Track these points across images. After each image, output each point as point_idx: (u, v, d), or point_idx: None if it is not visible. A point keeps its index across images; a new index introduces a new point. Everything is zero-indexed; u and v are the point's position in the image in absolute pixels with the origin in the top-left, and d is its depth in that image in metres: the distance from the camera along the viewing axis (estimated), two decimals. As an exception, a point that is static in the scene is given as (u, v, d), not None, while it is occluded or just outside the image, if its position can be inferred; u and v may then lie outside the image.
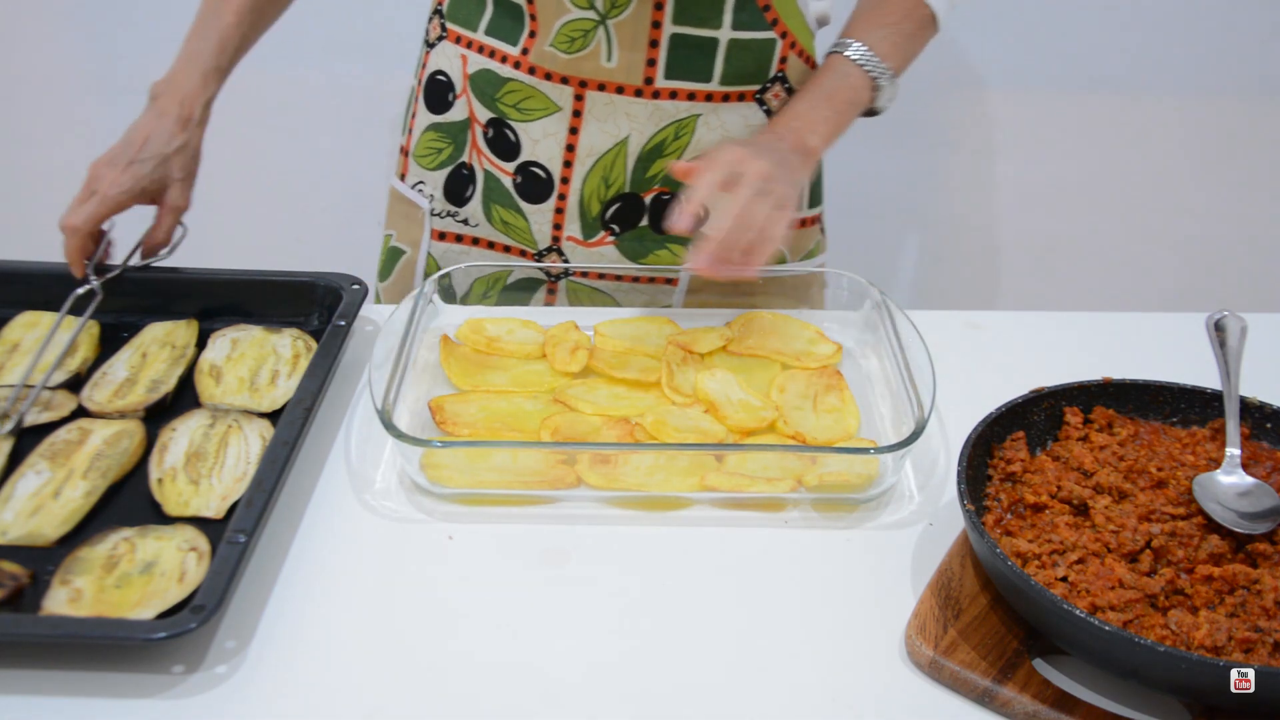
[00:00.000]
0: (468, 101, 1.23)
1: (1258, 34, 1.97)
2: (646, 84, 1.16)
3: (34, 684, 0.78)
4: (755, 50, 1.16)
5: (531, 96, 1.19)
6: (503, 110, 1.21)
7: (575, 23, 1.13)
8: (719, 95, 1.17)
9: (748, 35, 1.15)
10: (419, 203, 1.31)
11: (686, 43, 1.14)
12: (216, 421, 0.99)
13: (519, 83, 1.19)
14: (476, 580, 0.88)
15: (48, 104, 2.11)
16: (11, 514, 0.89)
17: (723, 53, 1.15)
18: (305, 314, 1.15)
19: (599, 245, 1.25)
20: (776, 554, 0.91)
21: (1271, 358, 1.04)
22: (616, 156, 1.20)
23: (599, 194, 1.22)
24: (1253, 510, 0.86)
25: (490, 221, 1.27)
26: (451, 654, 0.81)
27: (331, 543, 0.91)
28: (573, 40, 1.14)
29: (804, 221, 1.30)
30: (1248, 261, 2.20)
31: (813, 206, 1.31)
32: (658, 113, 1.17)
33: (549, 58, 1.16)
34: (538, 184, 1.23)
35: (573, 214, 1.24)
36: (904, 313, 1.11)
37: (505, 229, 1.27)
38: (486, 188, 1.26)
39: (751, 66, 1.17)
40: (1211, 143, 2.09)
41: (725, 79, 1.17)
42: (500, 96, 1.20)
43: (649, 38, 1.14)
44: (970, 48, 1.99)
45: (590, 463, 0.96)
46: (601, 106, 1.17)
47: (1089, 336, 1.21)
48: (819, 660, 0.81)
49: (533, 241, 1.26)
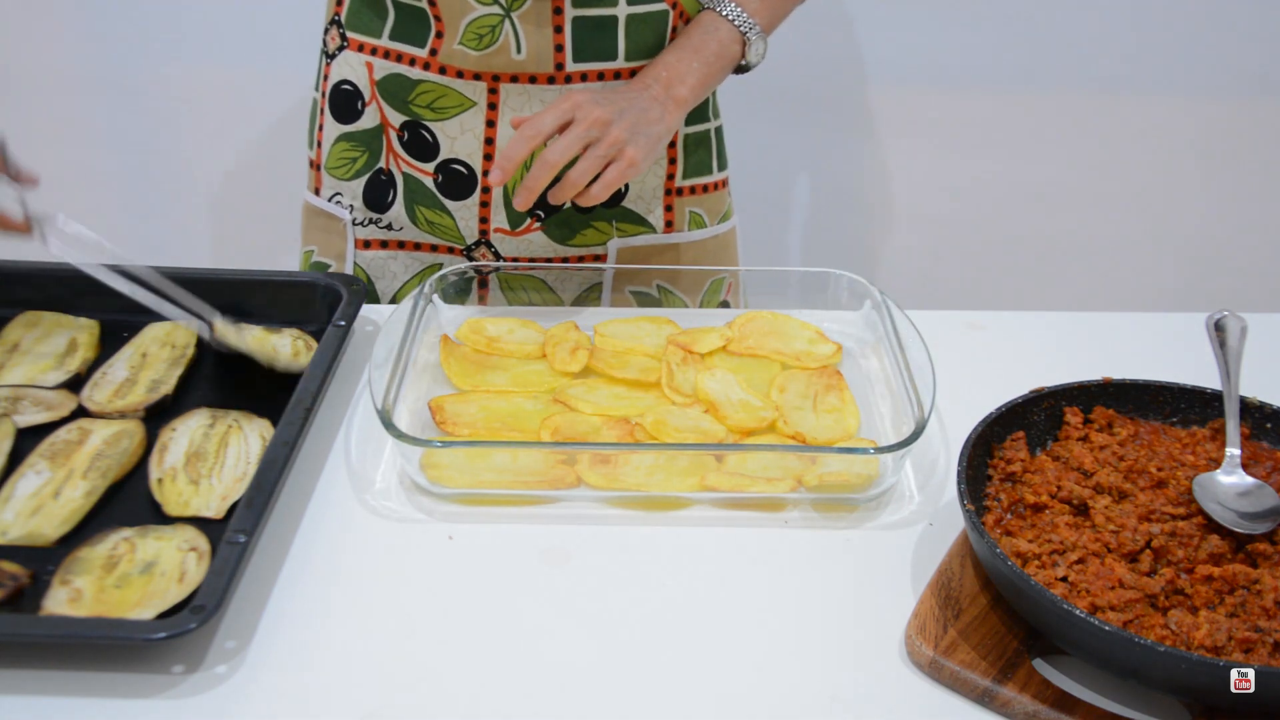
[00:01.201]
0: (378, 107, 1.23)
1: (1258, 34, 1.97)
2: (558, 69, 1.18)
3: (34, 684, 0.78)
4: (652, 23, 1.19)
5: (445, 95, 1.20)
6: (416, 112, 1.22)
7: (481, 19, 1.15)
8: (626, 72, 1.20)
9: (643, 9, 1.18)
10: (338, 214, 1.31)
11: (588, 24, 1.17)
12: (216, 421, 1.00)
13: (431, 83, 1.19)
14: (476, 580, 0.88)
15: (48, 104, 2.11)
16: (11, 514, 0.89)
17: (623, 29, 1.18)
18: (305, 314, 1.15)
19: (526, 233, 1.26)
20: (776, 554, 0.91)
21: (1271, 358, 1.04)
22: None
23: None
24: (1253, 510, 0.86)
25: (415, 223, 1.28)
26: (451, 654, 0.81)
27: (331, 543, 0.91)
28: (481, 37, 1.15)
29: (715, 185, 1.33)
30: (1248, 261, 2.20)
31: (721, 170, 1.34)
32: None
33: (459, 56, 1.17)
34: (460, 181, 1.24)
35: (498, 205, 1.25)
36: (904, 313, 1.11)
37: (431, 229, 1.27)
38: (408, 190, 1.26)
39: (650, 39, 1.20)
40: (1211, 143, 2.09)
41: (629, 54, 1.20)
42: (413, 99, 1.21)
43: (553, 24, 1.16)
44: (971, 47, 1.99)
45: (590, 463, 0.96)
46: (516, 97, 1.19)
47: (1089, 336, 1.21)
48: (819, 660, 0.81)
49: (460, 237, 1.27)
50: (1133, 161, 2.11)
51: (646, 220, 1.29)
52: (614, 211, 1.27)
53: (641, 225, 1.29)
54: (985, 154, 2.10)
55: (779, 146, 2.05)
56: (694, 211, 1.31)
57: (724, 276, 1.34)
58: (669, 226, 1.30)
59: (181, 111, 2.11)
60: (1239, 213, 2.16)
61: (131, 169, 2.17)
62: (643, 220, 1.29)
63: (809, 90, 1.98)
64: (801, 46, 1.23)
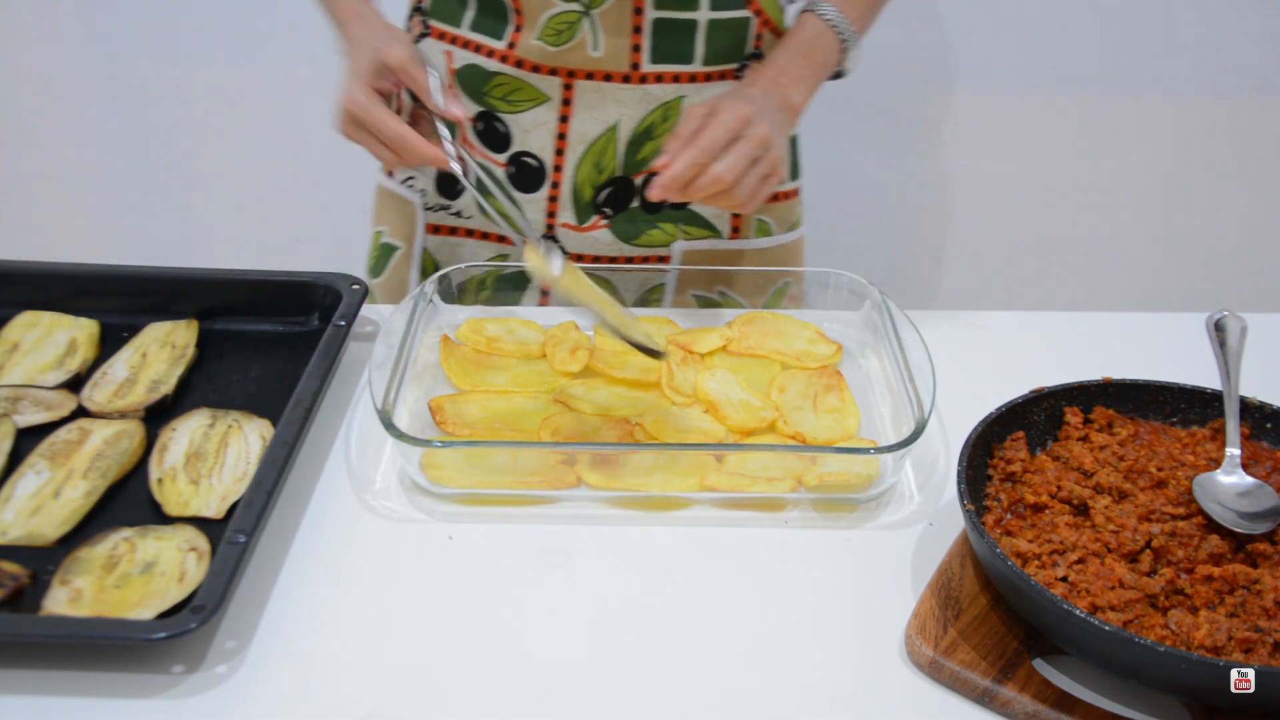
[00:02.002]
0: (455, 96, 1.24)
1: (1257, 34, 1.97)
2: (633, 69, 1.18)
3: (34, 684, 0.78)
4: (732, 29, 1.19)
5: (520, 89, 1.20)
6: (491, 103, 1.22)
7: (560, 15, 1.15)
8: (702, 76, 1.20)
9: (725, 15, 1.17)
10: (410, 198, 1.31)
11: (668, 26, 1.16)
12: (216, 421, 1.00)
13: (507, 76, 1.20)
14: (476, 580, 0.88)
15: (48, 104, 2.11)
16: (11, 514, 0.89)
17: (703, 34, 1.17)
18: (305, 314, 1.16)
19: (592, 230, 1.26)
20: (776, 554, 0.91)
21: (1271, 358, 1.04)
22: (607, 143, 1.21)
23: (591, 180, 1.23)
24: (1253, 510, 0.86)
25: (483, 212, 1.28)
26: (451, 654, 0.81)
27: (331, 543, 0.91)
28: (559, 33, 1.15)
29: (787, 195, 1.32)
30: (1248, 261, 2.20)
31: (794, 179, 1.33)
32: (645, 97, 1.19)
33: (536, 51, 1.17)
34: (530, 173, 1.24)
35: (566, 201, 1.25)
36: (904, 313, 1.11)
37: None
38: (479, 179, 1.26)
39: (730, 45, 1.19)
40: (1211, 142, 2.09)
41: (707, 59, 1.19)
42: (488, 90, 1.21)
43: (632, 24, 1.15)
44: (972, 47, 1.99)
45: (590, 463, 0.96)
46: (590, 94, 1.19)
47: (1089, 336, 1.21)
48: (819, 660, 0.81)
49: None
50: (1133, 161, 2.11)
51: (713, 224, 1.28)
52: (681, 214, 1.27)
53: (707, 229, 1.28)
54: (985, 154, 2.10)
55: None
56: (761, 219, 1.30)
57: (788, 282, 1.31)
58: (735, 232, 1.29)
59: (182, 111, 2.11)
60: (1239, 213, 2.16)
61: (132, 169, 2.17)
62: (709, 224, 1.28)
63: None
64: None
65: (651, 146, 1.22)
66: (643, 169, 1.23)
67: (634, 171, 1.24)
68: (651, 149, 1.22)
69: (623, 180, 1.24)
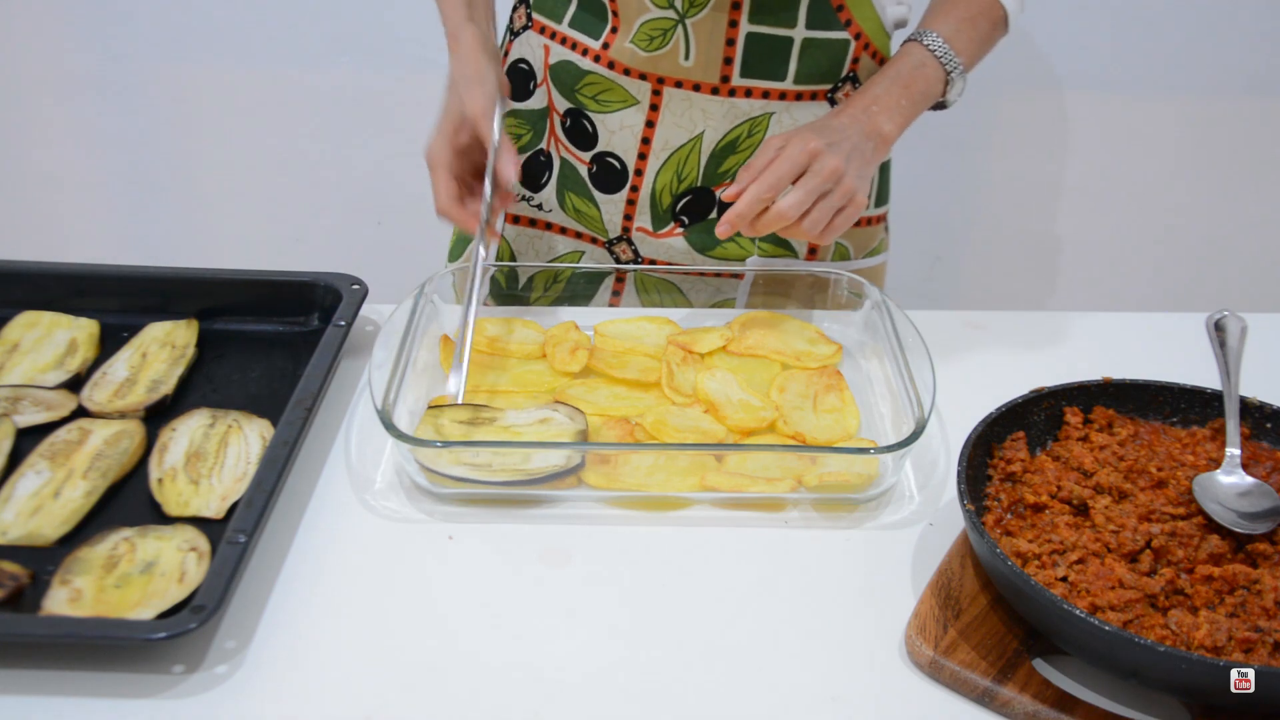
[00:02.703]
0: (547, 90, 1.25)
1: (1257, 34, 1.97)
2: (723, 82, 1.17)
3: (34, 684, 0.78)
4: (829, 50, 1.17)
5: (610, 89, 1.20)
6: (581, 101, 1.23)
7: (655, 21, 1.15)
8: (792, 94, 1.19)
9: (822, 35, 1.16)
10: None
11: (762, 42, 1.15)
12: (216, 421, 0.99)
13: (599, 75, 1.20)
14: (476, 580, 0.88)
15: (48, 104, 2.11)
16: (11, 514, 0.89)
17: (797, 52, 1.16)
18: (305, 314, 1.16)
19: (668, 236, 1.26)
20: (776, 554, 0.91)
21: (1271, 358, 1.05)
22: (691, 151, 1.21)
23: (671, 187, 1.23)
24: (1253, 510, 0.86)
25: (563, 208, 1.29)
26: (451, 654, 0.81)
27: (331, 543, 0.91)
28: (652, 39, 1.16)
29: (870, 220, 1.30)
30: (1248, 261, 2.20)
31: (879, 205, 1.31)
32: (732, 110, 1.19)
33: (628, 54, 1.18)
34: (612, 174, 1.24)
35: (644, 205, 1.25)
36: (904, 313, 1.11)
37: (578, 216, 1.29)
38: (562, 175, 1.27)
39: (825, 66, 1.18)
40: (1211, 143, 2.09)
41: (799, 78, 1.18)
42: (580, 88, 1.22)
43: (725, 36, 1.15)
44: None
45: (590, 463, 0.96)
46: (678, 102, 1.19)
47: (1089, 336, 1.21)
48: (819, 660, 0.81)
49: (604, 230, 1.28)
50: (1133, 161, 2.11)
51: (789, 243, 1.27)
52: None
53: (783, 248, 1.27)
54: (986, 154, 2.10)
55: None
56: (840, 243, 1.29)
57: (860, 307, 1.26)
58: (811, 254, 1.28)
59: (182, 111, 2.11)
60: (1239, 213, 2.16)
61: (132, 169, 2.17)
62: (785, 243, 1.27)
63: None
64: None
65: (734, 160, 1.21)
66: (723, 181, 1.23)
67: (715, 183, 1.23)
68: (734, 163, 1.21)
69: (703, 190, 1.24)
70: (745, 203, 1.02)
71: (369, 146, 2.11)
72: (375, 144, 2.11)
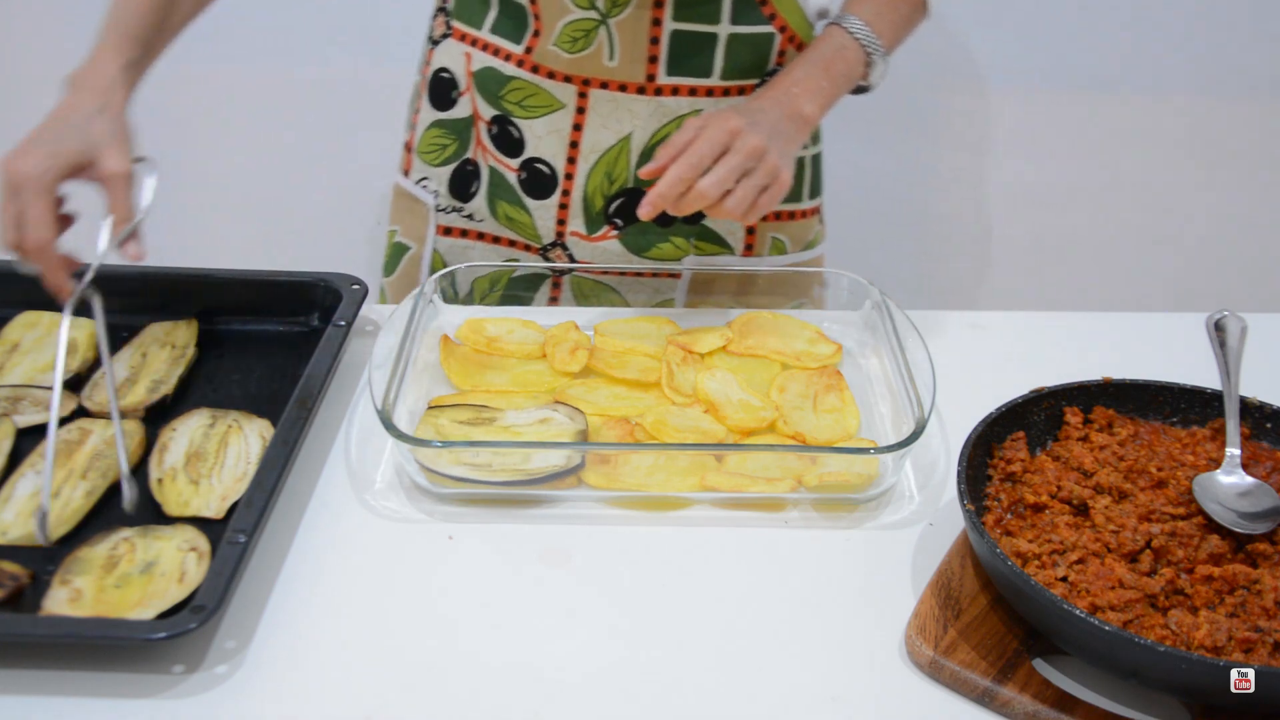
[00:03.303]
0: (472, 99, 1.24)
1: (1258, 34, 1.97)
2: (649, 81, 1.17)
3: (34, 684, 0.78)
4: (754, 44, 1.17)
5: (535, 94, 1.19)
6: (506, 108, 1.22)
7: (577, 22, 1.14)
8: (719, 90, 1.18)
9: (746, 29, 1.16)
10: (423, 199, 1.31)
11: (687, 39, 1.15)
12: (216, 421, 0.99)
13: (523, 80, 1.19)
14: (476, 580, 0.88)
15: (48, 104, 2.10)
16: (11, 514, 0.89)
17: (722, 48, 1.16)
18: (305, 314, 1.16)
19: (602, 240, 1.26)
20: (776, 554, 0.91)
21: (1271, 358, 1.04)
22: (620, 153, 1.20)
23: (603, 189, 1.23)
24: (1253, 510, 0.86)
25: (495, 217, 1.28)
26: (451, 654, 0.81)
27: (331, 543, 0.91)
28: (575, 40, 1.15)
29: (804, 213, 1.30)
30: (1248, 261, 2.20)
31: (813, 198, 1.31)
32: (660, 110, 1.18)
33: (552, 57, 1.17)
34: (542, 180, 1.23)
35: (576, 209, 1.24)
36: (904, 313, 1.11)
37: (510, 224, 1.27)
38: (491, 184, 1.26)
39: (750, 61, 1.18)
40: (1212, 142, 2.09)
41: (725, 74, 1.18)
42: (504, 94, 1.21)
43: (649, 35, 1.14)
44: (972, 46, 1.99)
45: (590, 463, 0.96)
46: (605, 104, 1.18)
47: (1089, 336, 1.21)
48: (819, 660, 0.81)
49: (537, 236, 1.27)
50: (1133, 161, 2.10)
51: (725, 241, 1.27)
52: (694, 229, 1.26)
53: (720, 245, 1.27)
54: (986, 154, 2.10)
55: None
56: (776, 237, 1.29)
57: (804, 302, 1.28)
58: (748, 250, 1.28)
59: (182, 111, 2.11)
60: (1239, 213, 2.16)
61: (131, 169, 2.17)
62: (722, 240, 1.27)
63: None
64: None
65: None
66: (655, 181, 1.22)
67: (646, 184, 1.22)
68: None
69: (635, 191, 1.23)
70: (667, 183, 1.02)
71: (370, 145, 2.11)
72: (376, 143, 2.11)
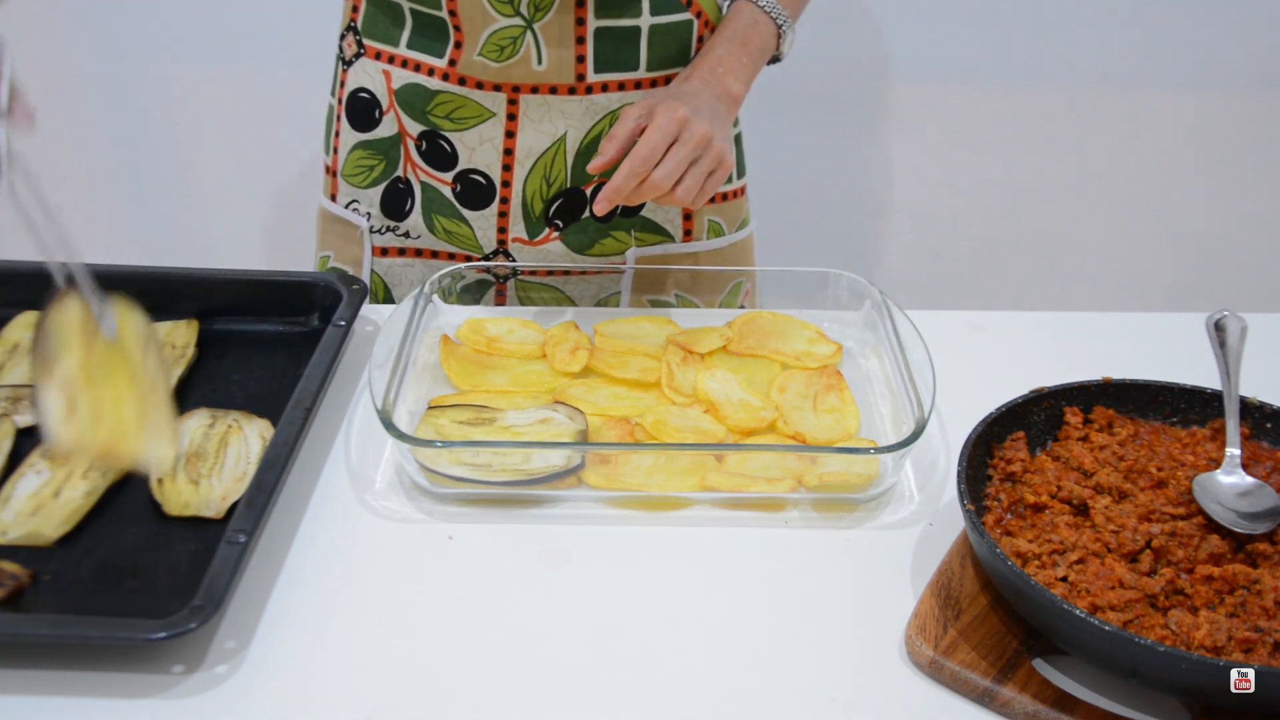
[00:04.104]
0: (396, 116, 1.23)
1: (1258, 31, 1.97)
2: (579, 80, 1.18)
3: (34, 684, 0.78)
4: (675, 33, 1.19)
5: (463, 106, 1.19)
6: (435, 122, 1.21)
7: (503, 31, 1.14)
8: (647, 82, 1.20)
9: (666, 19, 1.18)
10: (355, 221, 1.30)
11: (611, 35, 1.16)
12: (216, 421, 0.99)
13: (450, 94, 1.19)
14: (476, 580, 0.88)
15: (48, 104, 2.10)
16: (11, 514, 0.89)
17: (646, 40, 1.18)
18: (305, 314, 1.16)
19: (545, 243, 1.26)
20: (776, 554, 0.91)
21: (1271, 358, 1.05)
22: (555, 155, 1.21)
23: (541, 193, 1.23)
24: (1253, 510, 0.86)
25: (433, 232, 1.27)
26: (451, 654, 0.81)
27: (331, 543, 0.91)
28: (502, 49, 1.15)
29: (735, 194, 1.33)
30: (1248, 261, 2.20)
31: (740, 178, 1.34)
32: (592, 107, 1.19)
33: (479, 67, 1.16)
34: (478, 190, 1.23)
35: (516, 215, 1.24)
36: (904, 313, 1.11)
37: (449, 237, 1.27)
38: (425, 199, 1.25)
39: (673, 49, 1.20)
40: (1211, 141, 2.09)
41: (651, 65, 1.19)
42: (431, 109, 1.20)
43: (575, 35, 1.15)
44: (971, 45, 1.99)
45: (590, 463, 0.96)
46: (536, 108, 1.18)
47: (1089, 336, 1.21)
48: (819, 660, 0.81)
49: (478, 246, 1.26)
50: (1133, 160, 2.11)
51: (665, 229, 1.28)
52: (633, 221, 1.26)
53: (660, 234, 1.28)
54: (985, 152, 2.10)
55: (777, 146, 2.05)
56: (713, 220, 1.31)
57: (741, 281, 1.33)
58: (688, 235, 1.29)
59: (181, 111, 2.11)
60: (1239, 212, 2.16)
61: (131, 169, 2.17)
62: (661, 229, 1.28)
63: (807, 88, 1.98)
64: (800, 43, 1.23)
65: None
66: (592, 179, 1.23)
67: (583, 182, 1.23)
68: None
69: (573, 191, 1.23)
70: (623, 177, 1.03)
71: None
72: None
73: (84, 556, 0.87)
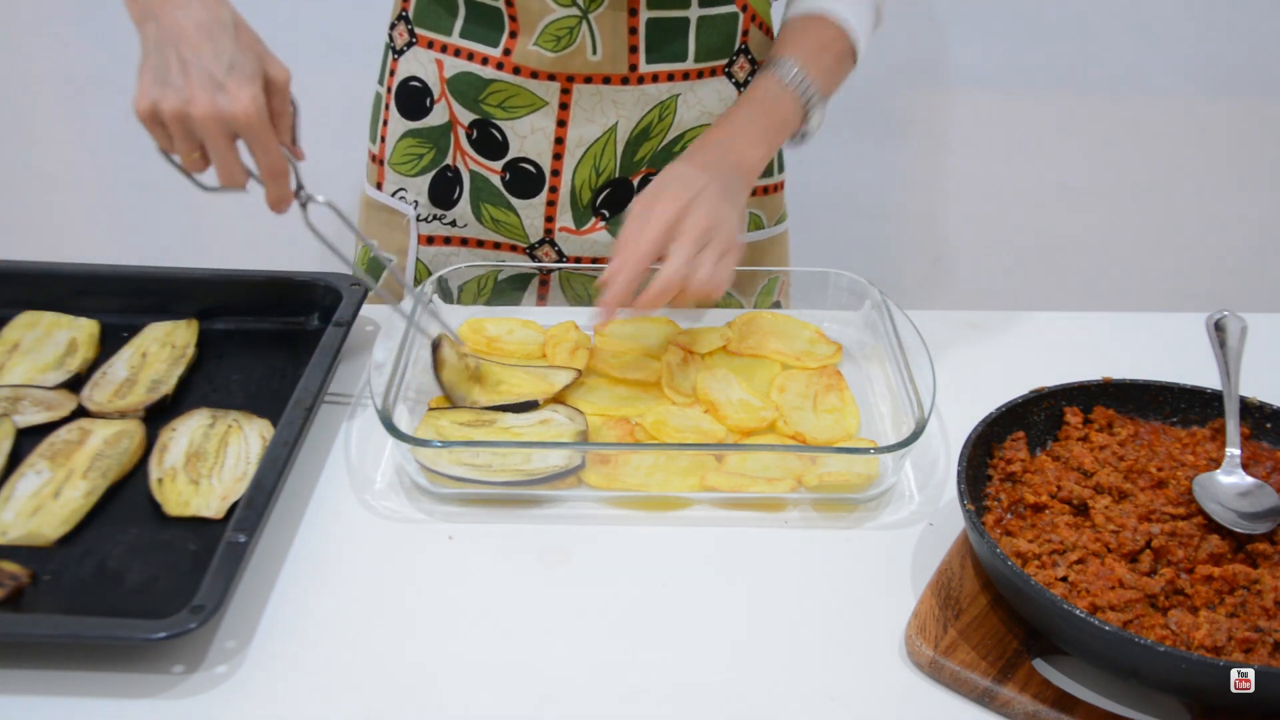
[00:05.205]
0: (447, 105, 1.23)
1: (1258, 33, 1.97)
2: (631, 70, 1.18)
3: (34, 684, 0.78)
4: (721, 25, 1.19)
5: (517, 94, 1.20)
6: (487, 110, 1.21)
7: (560, 21, 1.14)
8: (694, 73, 1.20)
9: (714, 11, 1.18)
10: (402, 210, 1.30)
11: (662, 26, 1.17)
12: (216, 421, 0.99)
13: (503, 82, 1.19)
14: (476, 580, 0.88)
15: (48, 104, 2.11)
16: (11, 514, 0.89)
17: (694, 31, 1.18)
18: (305, 314, 1.16)
19: (591, 232, 1.26)
20: (776, 554, 0.91)
21: (1271, 358, 1.04)
22: (606, 144, 1.21)
23: (590, 182, 1.23)
24: (1253, 510, 0.86)
25: (480, 220, 1.27)
26: (451, 654, 0.81)
27: (331, 543, 0.91)
28: (559, 39, 1.15)
29: (775, 187, 1.33)
30: (1248, 261, 2.20)
31: (780, 172, 1.34)
32: (642, 98, 1.20)
33: (534, 57, 1.17)
34: (528, 179, 1.24)
35: (564, 205, 1.25)
36: (904, 313, 1.11)
37: (496, 226, 1.27)
38: (474, 188, 1.26)
39: (719, 41, 1.20)
40: (1212, 142, 2.09)
41: (699, 56, 1.20)
42: (483, 98, 1.21)
43: (628, 26, 1.16)
44: (971, 47, 1.99)
45: (590, 463, 0.96)
46: (588, 98, 1.19)
47: (1089, 336, 1.21)
48: (819, 660, 0.81)
49: (524, 236, 1.27)
50: (1133, 161, 2.11)
51: None
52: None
53: None
54: (985, 154, 2.10)
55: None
56: (754, 213, 1.32)
57: (777, 277, 1.33)
58: None
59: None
60: (1239, 213, 2.16)
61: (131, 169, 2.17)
62: None
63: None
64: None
65: (648, 146, 1.22)
66: (640, 169, 1.24)
67: (632, 172, 1.24)
68: (648, 149, 1.22)
69: (621, 181, 1.24)
70: (618, 287, 0.97)
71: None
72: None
73: (84, 556, 0.87)
